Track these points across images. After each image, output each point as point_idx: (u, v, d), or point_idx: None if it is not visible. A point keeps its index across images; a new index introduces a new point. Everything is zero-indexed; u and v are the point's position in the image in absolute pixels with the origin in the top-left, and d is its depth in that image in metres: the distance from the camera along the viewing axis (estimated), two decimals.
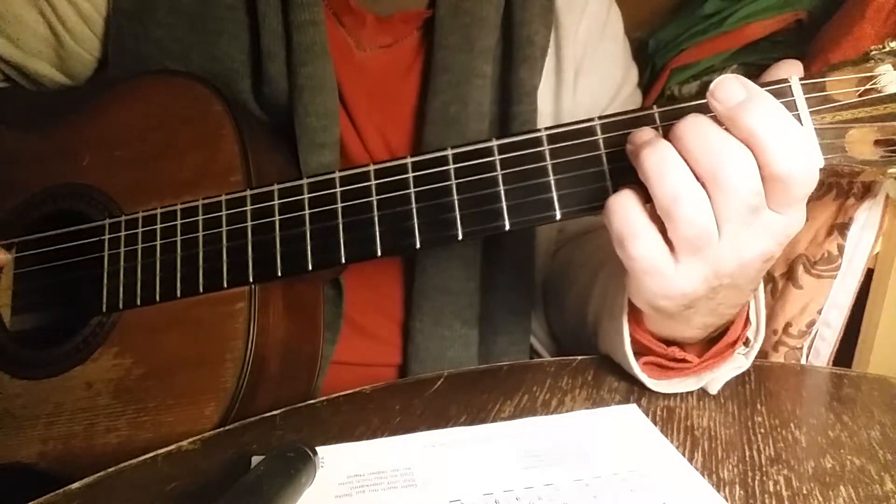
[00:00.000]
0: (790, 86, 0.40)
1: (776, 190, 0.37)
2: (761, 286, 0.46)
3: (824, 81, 0.40)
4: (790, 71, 0.41)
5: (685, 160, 0.37)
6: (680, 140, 0.37)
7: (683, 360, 0.47)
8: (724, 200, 0.37)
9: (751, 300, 0.46)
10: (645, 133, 0.40)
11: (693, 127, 0.37)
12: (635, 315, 0.47)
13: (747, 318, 0.46)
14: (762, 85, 0.40)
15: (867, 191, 0.79)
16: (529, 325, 0.68)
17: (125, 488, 0.39)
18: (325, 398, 0.49)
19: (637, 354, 0.47)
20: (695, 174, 0.37)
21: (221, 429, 0.45)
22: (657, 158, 0.37)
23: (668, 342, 0.47)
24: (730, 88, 0.37)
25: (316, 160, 0.57)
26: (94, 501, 0.38)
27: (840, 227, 0.79)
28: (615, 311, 0.48)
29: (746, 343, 0.47)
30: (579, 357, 0.53)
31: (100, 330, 0.51)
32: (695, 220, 0.37)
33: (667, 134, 0.39)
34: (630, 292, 0.43)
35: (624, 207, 0.39)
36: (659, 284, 0.39)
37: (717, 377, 0.46)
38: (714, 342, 0.47)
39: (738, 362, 0.47)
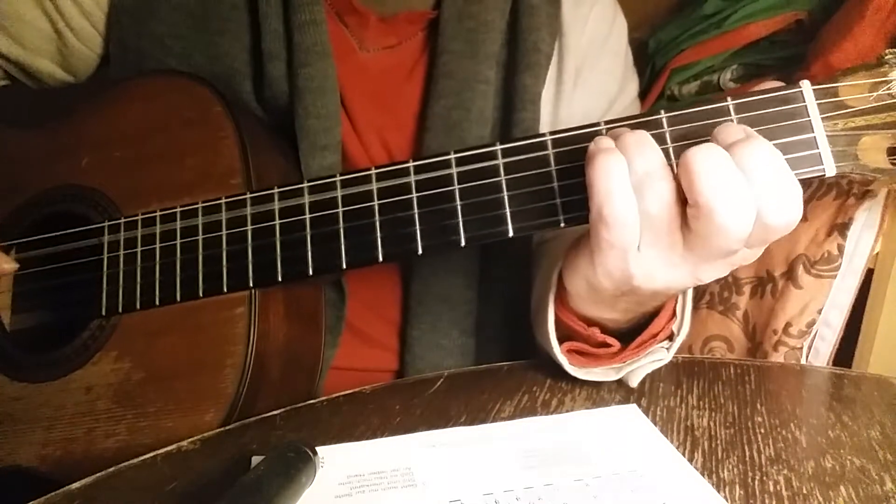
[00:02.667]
0: (801, 91, 0.39)
1: (757, 234, 0.37)
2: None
3: (837, 87, 0.39)
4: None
5: (685, 184, 0.37)
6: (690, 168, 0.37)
7: (604, 345, 0.47)
8: (714, 236, 0.37)
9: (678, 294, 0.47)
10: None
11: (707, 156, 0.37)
12: (560, 298, 0.47)
13: (673, 311, 0.47)
14: (773, 89, 0.39)
15: (867, 191, 0.79)
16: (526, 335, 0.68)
17: (125, 488, 0.39)
18: (325, 398, 0.49)
19: (561, 341, 0.48)
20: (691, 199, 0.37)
21: (221, 429, 0.45)
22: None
23: (589, 323, 0.47)
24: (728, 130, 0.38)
25: (317, 162, 0.57)
26: (94, 501, 0.38)
27: (840, 227, 0.79)
28: (544, 293, 0.49)
29: (671, 338, 0.48)
30: None
31: (99, 333, 0.51)
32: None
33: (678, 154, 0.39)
34: (574, 265, 0.43)
35: (618, 167, 0.38)
36: (621, 262, 0.39)
37: (636, 369, 0.47)
38: (636, 334, 0.47)
39: (659, 355, 0.47)
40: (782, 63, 0.93)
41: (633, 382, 0.48)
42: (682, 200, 0.38)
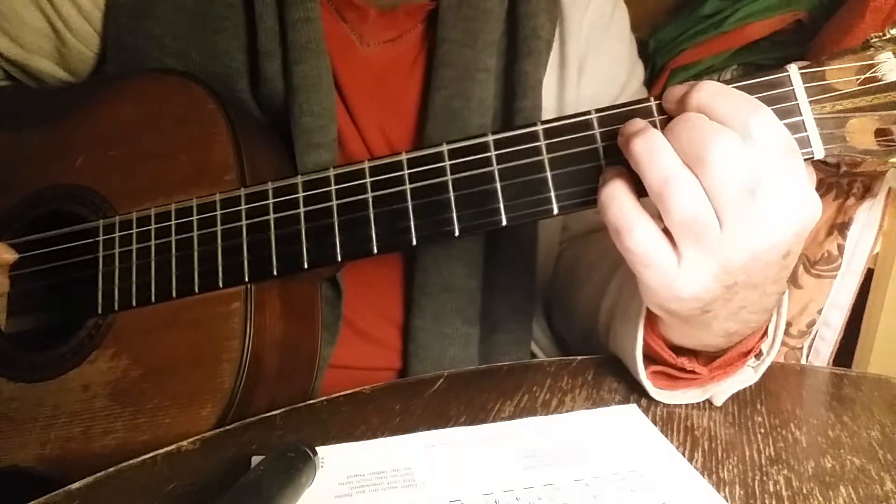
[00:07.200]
0: (789, 75, 0.40)
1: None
2: (786, 296, 0.44)
3: (824, 70, 0.40)
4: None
5: (675, 150, 0.37)
6: (670, 131, 0.38)
7: (692, 372, 0.46)
8: (713, 184, 0.36)
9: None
10: (635, 123, 0.40)
11: (682, 118, 0.38)
12: (650, 320, 0.45)
13: (765, 330, 0.45)
14: (760, 75, 0.40)
15: (867, 191, 0.79)
16: (531, 324, 0.67)
17: (125, 488, 0.39)
18: (325, 398, 0.49)
19: (646, 360, 0.46)
20: (685, 162, 0.37)
21: (221, 429, 0.45)
22: (647, 144, 0.38)
23: (682, 350, 0.45)
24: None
25: (312, 160, 0.57)
26: (94, 501, 0.38)
27: (840, 227, 0.79)
28: (630, 313, 0.47)
29: (759, 356, 0.46)
30: (579, 357, 0.53)
31: (95, 332, 0.50)
32: (688, 203, 0.36)
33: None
34: (642, 295, 0.42)
35: (617, 198, 0.39)
36: (663, 282, 0.38)
37: (722, 390, 0.45)
38: (725, 352, 0.45)
39: (746, 375, 0.45)
40: (782, 63, 0.93)
41: (719, 402, 0.46)
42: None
